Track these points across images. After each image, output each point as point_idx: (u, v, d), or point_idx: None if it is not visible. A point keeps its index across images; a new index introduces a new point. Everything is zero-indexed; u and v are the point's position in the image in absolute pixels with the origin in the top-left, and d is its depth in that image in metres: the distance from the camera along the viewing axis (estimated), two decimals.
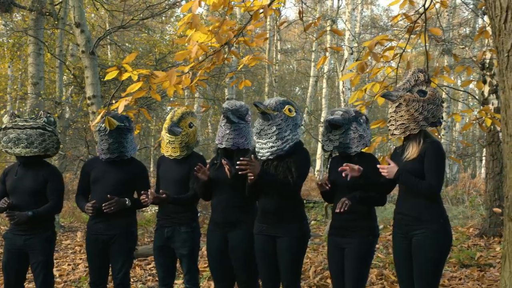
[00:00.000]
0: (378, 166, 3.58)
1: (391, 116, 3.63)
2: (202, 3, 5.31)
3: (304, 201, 13.62)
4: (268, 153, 3.85)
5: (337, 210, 3.66)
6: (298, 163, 3.85)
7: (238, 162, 3.69)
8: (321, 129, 18.66)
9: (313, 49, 20.50)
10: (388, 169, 3.51)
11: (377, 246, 7.07)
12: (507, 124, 3.05)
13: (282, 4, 5.83)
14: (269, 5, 5.43)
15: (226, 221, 4.09)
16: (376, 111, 25.85)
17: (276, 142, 3.82)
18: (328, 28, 18.71)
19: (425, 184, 3.45)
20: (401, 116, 3.56)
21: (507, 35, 2.95)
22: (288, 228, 3.86)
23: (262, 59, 6.43)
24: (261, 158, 3.89)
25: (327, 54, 15.28)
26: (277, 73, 24.31)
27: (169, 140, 4.35)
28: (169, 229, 4.35)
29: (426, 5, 5.72)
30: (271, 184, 3.80)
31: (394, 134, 3.62)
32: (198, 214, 4.65)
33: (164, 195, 4.15)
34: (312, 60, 20.22)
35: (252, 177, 3.73)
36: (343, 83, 15.57)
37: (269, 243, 3.91)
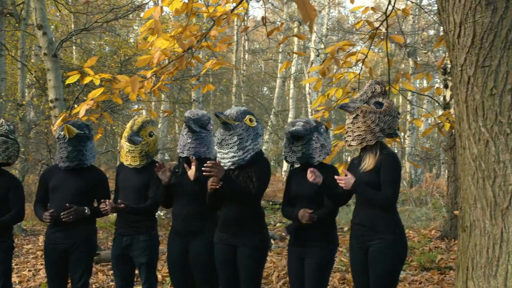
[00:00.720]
0: (336, 177, 3.61)
1: (348, 127, 3.66)
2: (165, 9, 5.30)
3: (271, 203, 13.60)
4: (230, 163, 3.86)
5: (304, 221, 3.72)
6: (259, 173, 3.86)
7: (205, 165, 3.70)
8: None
9: (280, 50, 20.55)
10: (345, 180, 3.54)
11: (340, 249, 7.15)
12: (461, 137, 3.10)
13: (245, 10, 5.84)
14: (232, 11, 5.44)
15: (187, 230, 4.08)
16: (343, 114, 26.04)
17: (237, 152, 3.83)
18: (295, 30, 18.80)
19: (381, 195, 3.50)
20: (358, 127, 3.60)
21: (460, 49, 3.01)
22: (249, 237, 3.87)
23: (226, 64, 6.41)
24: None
25: (292, 58, 15.33)
26: (245, 73, 24.34)
27: (129, 149, 4.32)
28: (128, 238, 4.32)
29: (388, 12, 5.80)
30: (233, 191, 3.80)
31: (351, 145, 3.65)
32: (164, 217, 4.64)
33: (122, 205, 4.12)
34: (279, 61, 20.27)
35: (214, 184, 3.73)
36: (309, 85, 15.65)
37: (230, 252, 3.91)
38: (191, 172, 3.92)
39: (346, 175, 3.57)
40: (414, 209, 11.41)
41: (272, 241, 8.22)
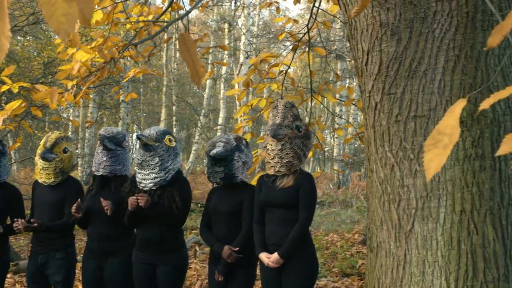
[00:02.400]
0: (266, 264, 3.59)
1: (276, 154, 3.65)
2: None
3: (199, 205, 13.50)
4: (151, 184, 3.84)
5: (230, 261, 3.73)
6: (182, 194, 3.88)
7: (128, 201, 3.71)
8: (218, 133, 18.75)
9: (210, 50, 20.48)
10: (273, 261, 3.55)
11: None
12: (369, 160, 3.21)
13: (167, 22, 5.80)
14: (154, 22, 5.40)
15: (101, 250, 4.04)
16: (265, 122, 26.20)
17: (159, 173, 3.82)
18: (226, 30, 18.80)
19: (298, 231, 3.54)
20: (287, 154, 3.63)
21: (368, 76, 3.11)
22: (168, 256, 3.87)
23: (149, 72, 6.36)
24: (144, 188, 3.87)
25: (211, 68, 15.34)
26: (176, 72, 24.15)
27: (43, 166, 4.22)
28: (43, 256, 4.22)
29: (310, 25, 5.91)
30: (159, 214, 3.79)
31: (280, 171, 3.66)
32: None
33: (35, 224, 4.03)
34: (209, 61, 20.22)
35: (140, 202, 3.70)
36: (238, 86, 15.70)
37: (148, 271, 3.89)
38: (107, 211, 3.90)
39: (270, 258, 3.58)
40: (339, 212, 11.65)
41: (197, 248, 8.21)
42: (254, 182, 4.45)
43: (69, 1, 1.12)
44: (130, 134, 25.49)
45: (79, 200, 4.01)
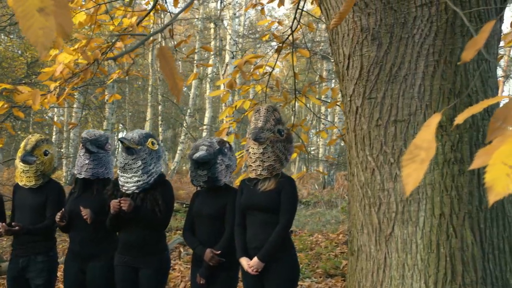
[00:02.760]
0: (246, 269, 3.60)
1: (258, 157, 3.67)
2: None
3: (184, 205, 13.51)
4: (134, 187, 3.84)
5: (212, 264, 3.73)
6: (165, 197, 3.88)
7: (114, 202, 3.70)
8: (204, 133, 18.73)
9: (196, 50, 20.47)
10: (254, 266, 3.55)
11: None
12: (350, 164, 3.23)
13: (151, 23, 5.80)
14: (138, 24, 5.39)
15: (83, 253, 4.03)
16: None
17: (142, 177, 3.82)
18: (212, 30, 18.78)
19: (278, 234, 3.56)
20: (268, 157, 3.65)
21: (349, 80, 3.13)
22: (150, 260, 3.87)
23: (133, 73, 6.35)
24: (126, 192, 3.87)
25: (196, 70, 15.35)
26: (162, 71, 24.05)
27: (23, 169, 4.20)
28: (24, 259, 4.20)
29: (293, 27, 5.92)
30: (142, 218, 3.79)
31: (261, 175, 3.67)
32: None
33: (17, 228, 4.01)
34: (195, 61, 20.20)
35: (116, 211, 3.70)
36: (223, 86, 15.70)
37: (131, 274, 3.89)
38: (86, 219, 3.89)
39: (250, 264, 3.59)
40: (324, 212, 11.69)
41: (182, 249, 8.21)
42: (238, 182, 4.46)
43: (46, 14, 1.12)
44: (116, 134, 25.39)
45: (63, 209, 4.00)
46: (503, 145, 1.13)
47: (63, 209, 3.98)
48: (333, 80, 17.90)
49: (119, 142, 3.83)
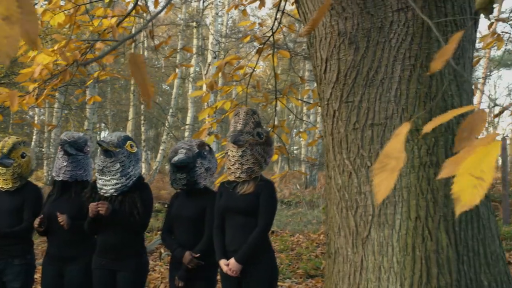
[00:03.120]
0: (225, 272, 3.59)
1: (237, 160, 3.66)
2: None
3: (166, 205, 13.47)
4: (113, 190, 3.82)
5: (190, 266, 3.72)
6: (144, 200, 3.87)
7: (92, 205, 3.70)
8: (186, 133, 18.68)
9: (178, 50, 20.37)
10: (231, 267, 3.55)
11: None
12: (328, 167, 3.25)
13: (132, 24, 5.78)
14: (118, 25, 5.37)
15: (61, 256, 4.00)
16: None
17: (120, 179, 3.81)
18: (194, 30, 18.75)
19: (256, 236, 3.55)
20: (247, 160, 3.64)
21: (327, 84, 3.15)
22: (128, 262, 3.86)
23: (113, 75, 6.33)
24: (105, 194, 3.85)
25: (178, 70, 15.31)
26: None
27: (0, 172, 4.15)
28: (1, 262, 4.16)
29: (274, 29, 5.94)
30: (120, 221, 3.77)
31: (240, 177, 3.67)
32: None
33: None
34: (177, 60, 20.14)
35: (101, 209, 3.69)
36: (205, 87, 15.68)
37: (108, 277, 3.87)
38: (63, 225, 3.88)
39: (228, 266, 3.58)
40: (306, 212, 11.73)
41: (162, 250, 8.19)
42: (218, 182, 4.46)
43: (11, 23, 1.11)
44: (98, 134, 25.24)
45: (41, 215, 3.96)
46: (470, 156, 1.15)
47: (41, 216, 3.95)
48: (315, 81, 17.94)
49: (97, 145, 3.81)
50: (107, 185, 3.82)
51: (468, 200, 1.14)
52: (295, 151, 30.60)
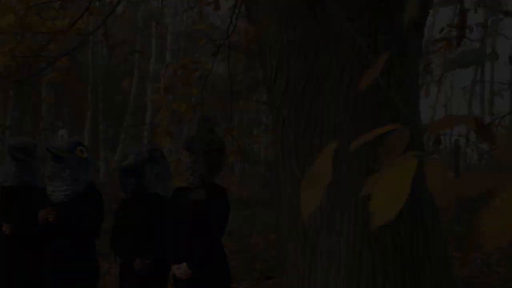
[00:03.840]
0: (177, 275, 3.57)
1: (189, 166, 3.65)
2: None
3: None
4: (63, 196, 3.77)
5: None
6: (94, 206, 3.83)
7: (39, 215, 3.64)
8: (145, 132, 18.53)
9: (136, 49, 20.18)
10: (182, 272, 3.53)
11: None
12: (278, 174, 3.27)
13: (85, 25, 5.72)
14: (71, 26, 5.30)
15: (8, 265, 3.93)
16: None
17: (70, 185, 3.76)
18: (153, 29, 18.60)
19: (208, 243, 3.56)
20: (200, 166, 3.63)
21: (277, 92, 3.17)
22: (79, 267, 3.81)
23: (68, 75, 6.25)
24: (55, 200, 3.79)
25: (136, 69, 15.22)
26: (103, 68, 23.61)
27: None
28: None
29: (229, 31, 5.94)
30: (71, 227, 3.73)
31: (193, 184, 3.66)
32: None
33: None
34: (136, 59, 19.94)
35: (44, 221, 3.64)
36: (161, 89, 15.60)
37: (59, 284, 3.82)
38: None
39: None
40: (264, 212, 11.72)
41: None
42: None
43: None
44: (57, 133, 24.77)
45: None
46: (387, 174, 1.18)
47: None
48: None
49: (46, 151, 3.75)
50: (57, 191, 3.77)
51: (383, 217, 1.16)
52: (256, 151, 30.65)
